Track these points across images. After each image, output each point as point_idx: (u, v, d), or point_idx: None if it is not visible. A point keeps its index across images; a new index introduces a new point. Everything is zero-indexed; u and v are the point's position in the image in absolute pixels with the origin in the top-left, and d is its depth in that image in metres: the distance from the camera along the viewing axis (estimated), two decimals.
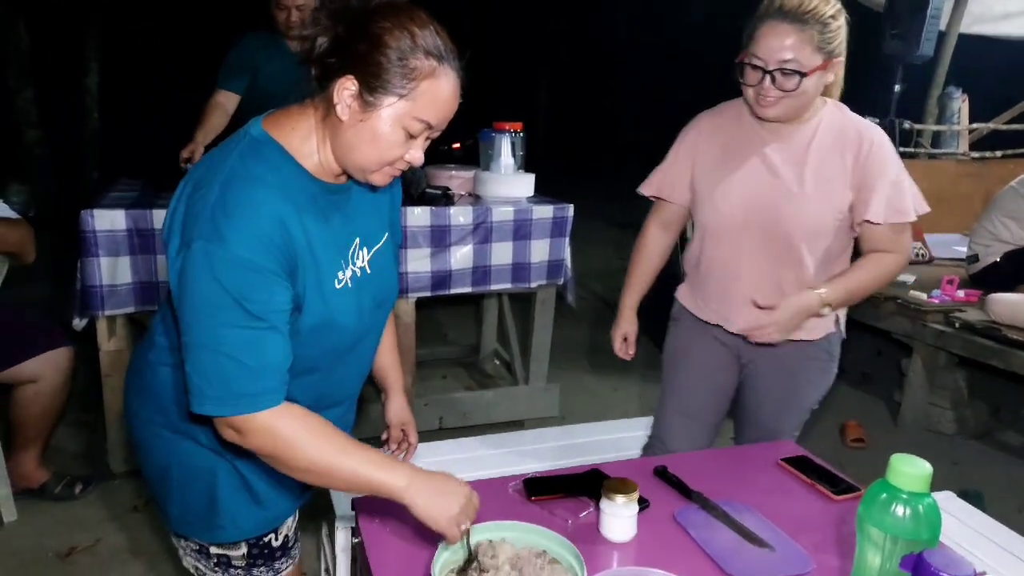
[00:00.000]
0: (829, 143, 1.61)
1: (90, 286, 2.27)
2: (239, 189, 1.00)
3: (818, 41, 1.51)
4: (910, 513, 0.90)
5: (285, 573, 1.34)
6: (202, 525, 1.23)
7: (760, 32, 1.53)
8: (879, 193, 1.58)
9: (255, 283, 0.99)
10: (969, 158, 5.22)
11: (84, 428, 2.91)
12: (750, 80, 1.56)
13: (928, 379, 3.34)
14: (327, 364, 1.19)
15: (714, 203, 1.68)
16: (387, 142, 1.05)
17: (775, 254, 1.65)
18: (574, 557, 1.09)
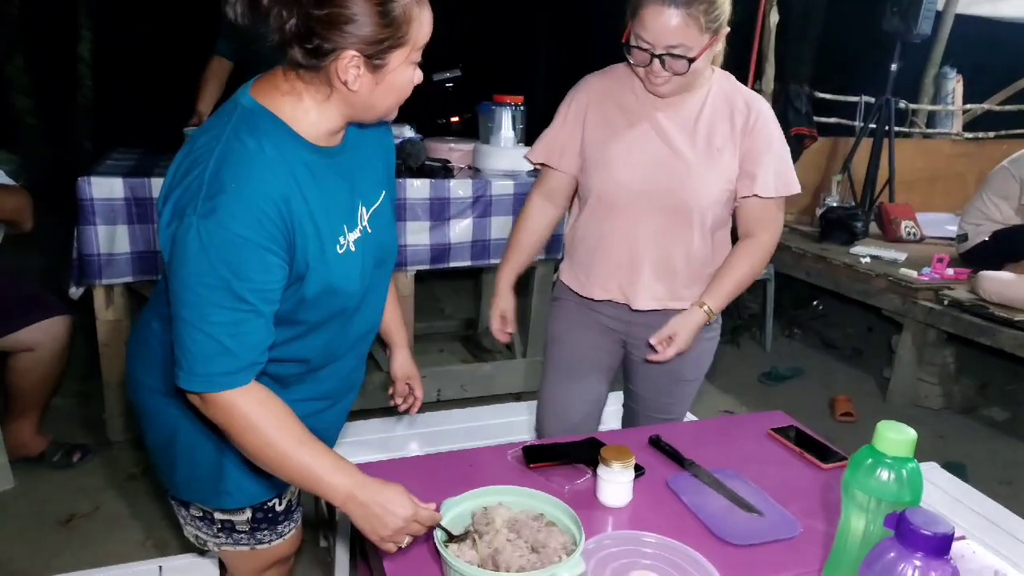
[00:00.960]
0: (718, 112, 1.57)
1: (87, 255, 2.27)
2: (235, 163, 1.00)
3: (705, 21, 1.44)
4: (894, 477, 0.93)
5: (288, 536, 1.36)
6: (208, 492, 1.25)
7: (646, 13, 1.44)
8: (766, 166, 1.56)
9: (247, 260, 0.99)
10: (963, 138, 5.25)
11: (81, 397, 2.92)
12: (638, 61, 1.50)
13: (917, 355, 3.39)
14: (335, 324, 1.20)
15: (610, 172, 1.60)
16: (405, 84, 1.09)
17: (670, 225, 1.60)
18: (571, 519, 1.12)
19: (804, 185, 4.93)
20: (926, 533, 0.80)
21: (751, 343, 4.17)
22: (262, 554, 1.34)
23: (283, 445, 1.04)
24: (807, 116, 4.36)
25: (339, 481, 1.05)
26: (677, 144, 1.57)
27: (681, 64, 1.46)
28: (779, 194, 1.58)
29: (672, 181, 1.56)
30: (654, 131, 1.58)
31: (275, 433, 1.04)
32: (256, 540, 1.31)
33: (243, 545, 1.31)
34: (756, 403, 3.40)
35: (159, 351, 1.21)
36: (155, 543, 2.14)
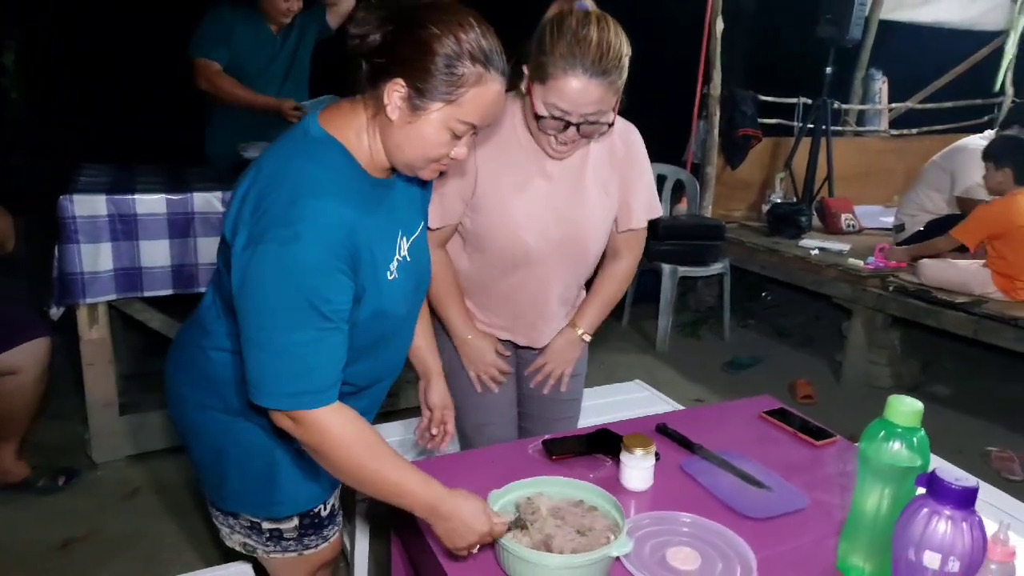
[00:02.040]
0: (603, 153, 1.59)
1: (70, 273, 2.23)
2: (310, 192, 1.04)
3: (617, 86, 1.42)
4: (905, 444, 1.05)
5: (332, 539, 1.40)
6: (259, 502, 1.28)
7: (564, 85, 1.37)
8: (639, 197, 1.63)
9: (328, 285, 1.04)
10: (890, 135, 5.60)
11: (58, 420, 2.83)
12: (549, 129, 1.43)
13: (867, 339, 3.61)
14: (378, 350, 1.25)
15: (514, 229, 1.54)
16: (434, 142, 1.09)
17: (573, 268, 1.64)
18: (611, 503, 1.19)
19: (749, 183, 5.17)
20: (956, 487, 0.91)
21: (710, 335, 4.34)
22: (309, 559, 1.37)
23: (375, 463, 1.09)
24: (752, 118, 4.58)
25: (426, 496, 1.10)
26: (573, 194, 1.57)
27: (599, 129, 1.45)
28: (648, 219, 1.67)
29: (575, 231, 1.58)
30: (547, 183, 1.55)
31: (366, 451, 1.09)
32: (304, 546, 1.35)
33: (291, 552, 1.34)
34: (723, 390, 3.56)
35: (209, 369, 1.23)
36: (162, 562, 2.11)
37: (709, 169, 4.46)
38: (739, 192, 4.85)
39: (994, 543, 0.96)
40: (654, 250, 3.99)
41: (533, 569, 1.05)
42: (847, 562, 1.13)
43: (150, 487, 2.50)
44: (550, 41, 1.38)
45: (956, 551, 0.92)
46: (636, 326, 4.37)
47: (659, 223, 3.97)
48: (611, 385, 2.46)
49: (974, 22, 5.59)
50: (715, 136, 4.43)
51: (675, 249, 3.97)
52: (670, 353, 4.02)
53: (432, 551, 1.15)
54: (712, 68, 4.29)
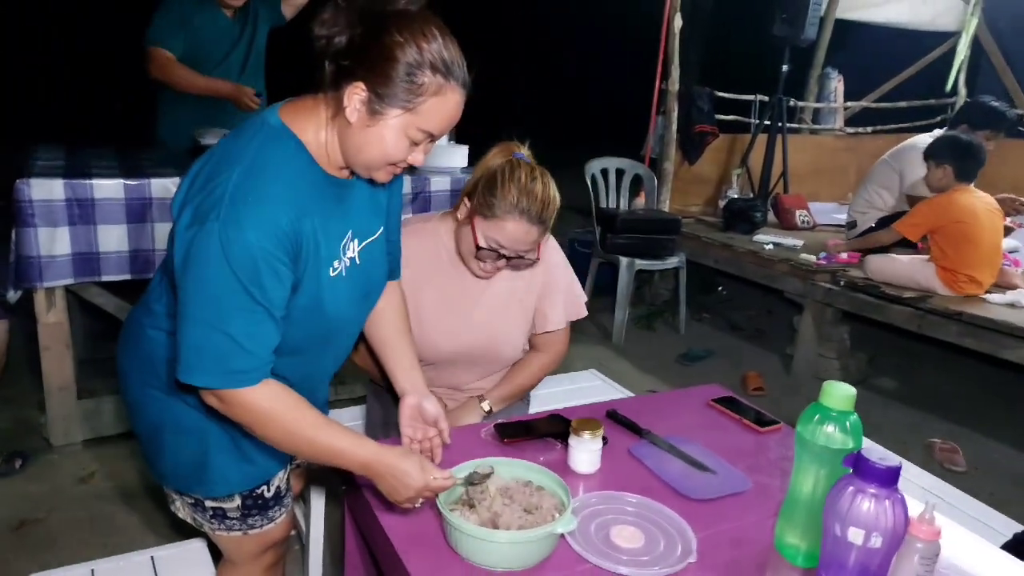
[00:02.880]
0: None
1: (27, 257, 2.20)
2: (258, 178, 1.07)
3: (548, 227, 1.63)
4: (839, 427, 1.11)
5: (279, 520, 1.43)
6: (194, 480, 1.31)
7: (507, 225, 1.56)
8: (555, 304, 1.78)
9: (264, 271, 1.05)
10: (845, 133, 5.75)
11: (15, 404, 2.81)
12: (483, 258, 1.61)
13: (817, 333, 3.73)
14: (314, 347, 1.28)
15: (429, 337, 1.70)
16: (391, 148, 1.11)
17: (484, 368, 1.81)
18: (557, 484, 1.24)
19: (706, 179, 5.27)
20: (880, 467, 0.98)
21: (665, 327, 4.44)
22: (255, 538, 1.40)
23: (306, 432, 1.14)
24: (709, 114, 4.67)
25: (361, 456, 1.15)
26: (488, 305, 1.73)
27: (527, 263, 1.66)
28: (567, 321, 1.82)
29: (487, 338, 1.74)
30: (464, 296, 1.72)
31: (294, 422, 1.13)
32: (248, 525, 1.38)
33: (236, 531, 1.38)
34: (676, 381, 3.65)
35: (149, 348, 1.25)
36: (117, 544, 2.10)
37: (667, 164, 4.54)
38: (696, 187, 4.95)
39: (920, 523, 1.03)
40: (611, 243, 4.07)
41: (480, 545, 1.09)
42: (783, 541, 1.19)
43: (105, 471, 2.49)
44: (501, 188, 1.57)
45: (879, 527, 0.98)
46: (593, 319, 4.44)
47: (617, 216, 4.04)
48: (566, 374, 2.51)
49: (927, 23, 5.76)
50: (673, 132, 4.51)
51: (632, 243, 4.05)
52: (625, 345, 4.10)
53: (386, 534, 1.18)
54: (671, 64, 4.36)
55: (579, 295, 1.84)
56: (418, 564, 1.10)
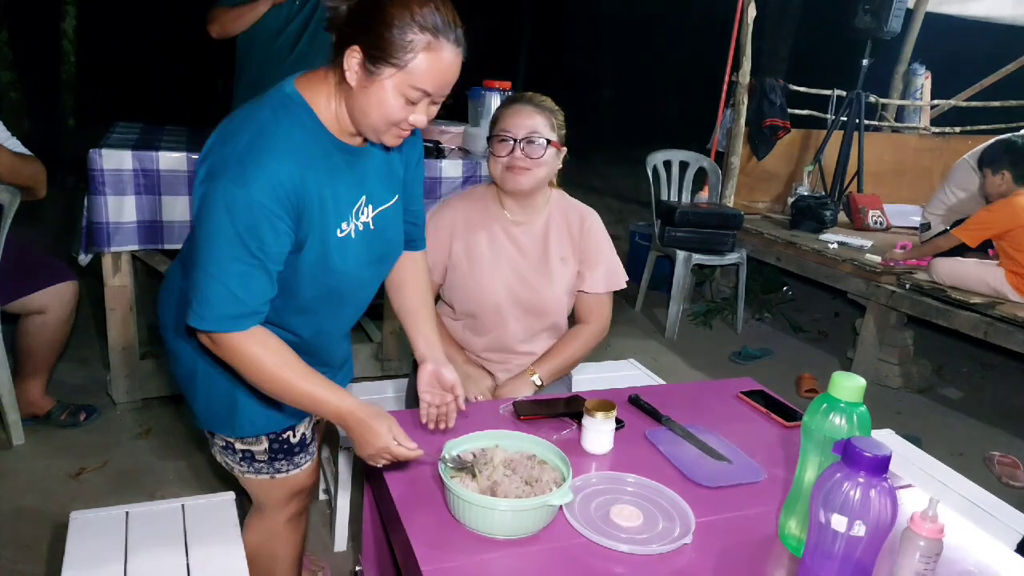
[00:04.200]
0: (559, 226, 1.87)
1: (96, 223, 2.36)
2: (267, 140, 1.15)
3: (554, 123, 1.78)
4: (845, 418, 1.09)
5: (305, 466, 1.51)
6: (224, 422, 1.41)
7: (506, 113, 1.77)
8: (596, 268, 1.87)
9: (264, 226, 1.13)
10: (930, 133, 5.45)
11: (83, 363, 3.02)
12: (500, 152, 1.75)
13: (879, 337, 3.58)
14: (326, 306, 1.35)
15: (481, 284, 1.81)
16: (389, 107, 1.16)
17: (534, 324, 1.87)
18: (560, 459, 1.25)
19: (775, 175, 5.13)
20: (867, 454, 0.95)
21: (723, 326, 4.34)
22: (281, 483, 1.49)
23: (284, 377, 1.21)
24: (781, 108, 4.52)
25: (336, 406, 1.24)
26: (533, 258, 1.85)
27: (538, 149, 1.74)
28: (608, 290, 1.90)
29: (532, 291, 1.83)
30: (515, 248, 1.84)
31: (275, 369, 1.21)
32: (275, 469, 1.47)
33: (264, 475, 1.47)
34: (726, 378, 3.56)
35: (181, 300, 1.34)
36: (164, 495, 2.24)
37: (733, 158, 4.44)
38: (763, 183, 4.81)
39: (923, 519, 1.00)
40: (670, 236, 4.01)
41: (477, 512, 1.12)
42: (785, 531, 1.18)
43: (161, 428, 2.65)
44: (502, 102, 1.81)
45: (863, 516, 0.95)
46: (648, 312, 4.40)
47: (676, 209, 3.98)
48: (605, 362, 2.51)
49: None
50: (741, 125, 4.40)
51: (690, 236, 3.98)
52: (679, 341, 4.04)
53: (392, 498, 1.23)
54: (742, 55, 4.25)
55: (619, 269, 1.92)
56: (417, 527, 1.14)
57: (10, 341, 2.41)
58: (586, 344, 1.91)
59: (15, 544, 2.03)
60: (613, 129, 12.10)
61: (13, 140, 2.25)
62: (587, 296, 1.90)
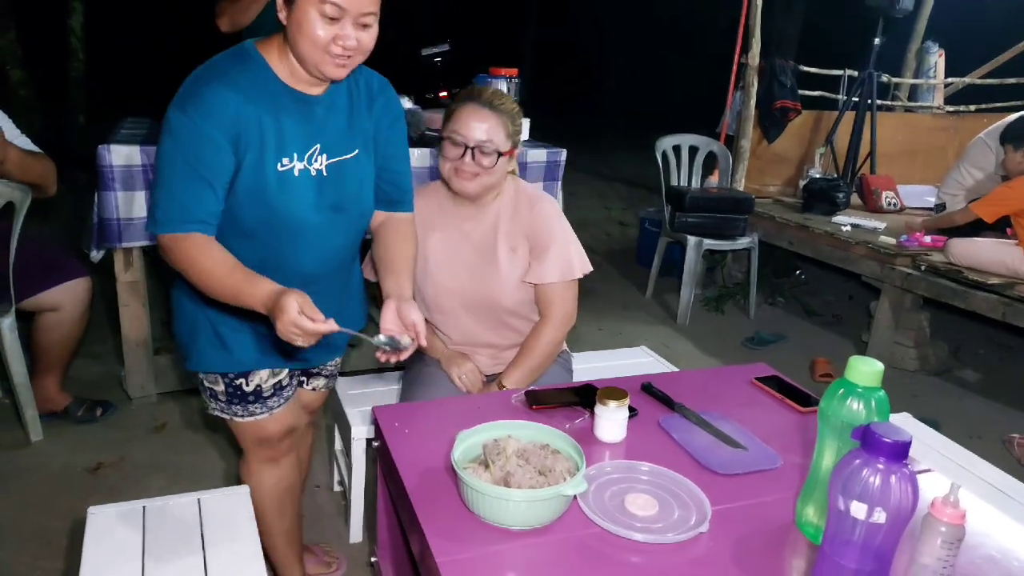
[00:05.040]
0: (511, 215, 1.83)
1: (107, 219, 2.36)
2: (210, 76, 1.32)
3: (509, 130, 1.74)
4: (863, 404, 1.07)
5: (261, 417, 1.61)
6: (187, 353, 1.57)
7: (461, 113, 1.72)
8: (549, 258, 1.80)
9: (202, 146, 1.29)
10: (944, 112, 5.37)
11: (98, 359, 3.05)
12: (450, 154, 1.73)
13: (894, 319, 3.55)
14: (267, 235, 1.42)
15: (435, 281, 1.84)
16: (310, 28, 1.27)
17: (491, 316, 1.87)
18: (573, 448, 1.25)
19: (786, 157, 5.09)
20: (887, 440, 0.94)
21: (735, 310, 4.32)
22: (242, 428, 1.63)
23: (215, 274, 1.31)
24: (791, 89, 4.47)
25: (249, 291, 1.30)
26: (483, 251, 1.82)
27: (490, 159, 1.72)
28: (562, 279, 1.82)
29: (484, 281, 1.82)
30: (466, 242, 1.83)
31: (210, 267, 1.31)
32: (233, 412, 1.60)
33: (225, 414, 1.61)
34: (739, 364, 3.54)
35: None
36: (180, 489, 2.24)
37: (744, 142, 4.40)
38: (774, 166, 4.76)
39: (944, 504, 0.99)
40: (680, 222, 3.98)
41: (490, 502, 1.11)
42: (803, 518, 1.17)
43: (176, 422, 2.67)
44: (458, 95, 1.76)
45: (883, 502, 0.94)
46: (659, 298, 4.38)
47: (686, 194, 3.95)
48: (616, 350, 2.50)
49: None
50: (751, 108, 4.35)
51: (700, 221, 3.95)
52: (691, 326, 4.02)
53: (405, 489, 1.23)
54: (751, 37, 4.20)
55: (574, 256, 1.84)
56: (432, 518, 1.13)
57: (25, 339, 2.43)
58: (549, 341, 1.86)
59: (36, 539, 2.06)
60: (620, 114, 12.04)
61: (23, 138, 2.26)
62: (541, 287, 1.84)
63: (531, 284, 1.84)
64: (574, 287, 1.87)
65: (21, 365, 2.38)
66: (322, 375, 1.78)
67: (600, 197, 6.88)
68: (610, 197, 7.04)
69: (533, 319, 1.90)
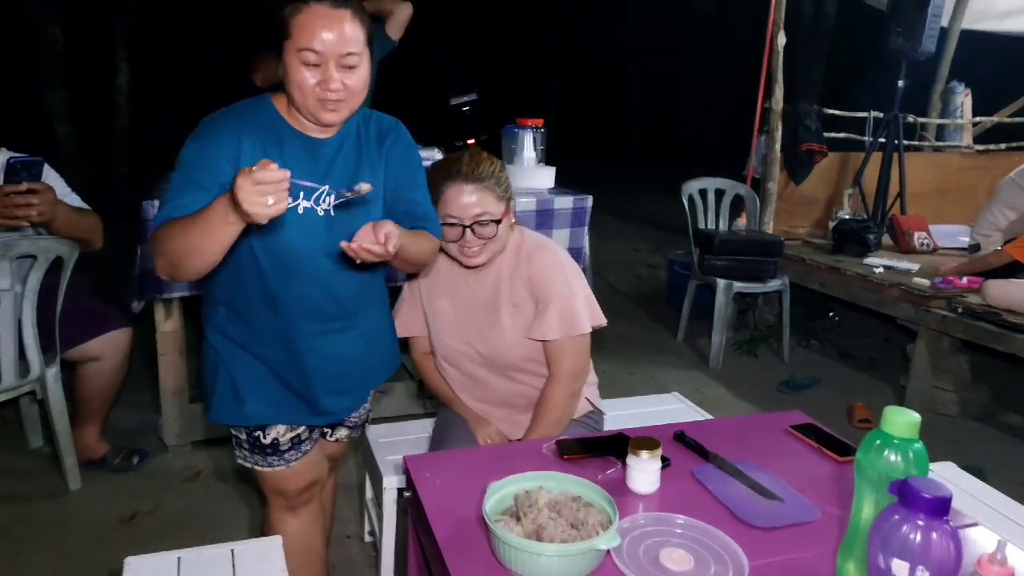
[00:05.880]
0: (512, 270, 1.80)
1: (149, 271, 2.43)
2: (220, 114, 1.44)
3: (498, 193, 1.72)
4: (901, 456, 1.05)
5: (278, 469, 1.64)
6: (207, 402, 1.61)
7: (448, 195, 1.70)
8: (548, 311, 1.76)
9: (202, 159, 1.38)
10: (973, 151, 5.33)
11: (136, 407, 3.09)
12: (451, 237, 1.71)
13: (932, 363, 3.47)
14: (278, 273, 1.47)
15: (444, 339, 1.87)
16: (295, 76, 1.36)
17: (501, 372, 1.86)
18: (605, 500, 1.24)
19: (814, 199, 5.08)
20: (926, 496, 0.92)
21: (768, 354, 4.27)
22: (263, 476, 1.66)
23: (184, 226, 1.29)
24: (817, 132, 4.49)
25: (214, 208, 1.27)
26: (487, 310, 1.82)
27: (489, 229, 1.71)
28: (565, 335, 1.77)
29: (490, 339, 1.82)
30: (470, 302, 1.84)
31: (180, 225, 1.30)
32: (253, 461, 1.64)
33: (247, 463, 1.65)
34: (774, 410, 3.45)
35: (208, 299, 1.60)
36: (214, 539, 2.24)
37: (770, 184, 4.40)
38: (803, 208, 4.75)
39: (991, 562, 0.96)
40: (709, 264, 3.98)
41: (522, 556, 1.11)
42: (843, 573, 1.14)
43: (210, 471, 2.70)
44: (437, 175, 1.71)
45: (926, 560, 0.92)
46: (691, 342, 4.35)
47: (714, 237, 3.95)
48: (647, 396, 2.48)
49: None
50: (776, 151, 4.37)
51: (730, 264, 3.94)
52: (723, 370, 3.98)
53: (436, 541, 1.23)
54: (774, 82, 4.24)
55: (577, 310, 1.77)
56: (463, 571, 1.13)
57: (66, 388, 2.48)
58: (558, 399, 1.81)
59: None
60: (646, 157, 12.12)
61: (73, 196, 2.35)
62: (547, 344, 1.79)
63: (538, 340, 1.81)
64: (583, 341, 1.81)
65: (64, 415, 2.44)
66: (345, 426, 1.78)
67: (627, 239, 6.89)
68: (637, 239, 7.05)
69: (543, 374, 1.86)
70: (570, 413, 1.86)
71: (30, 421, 2.76)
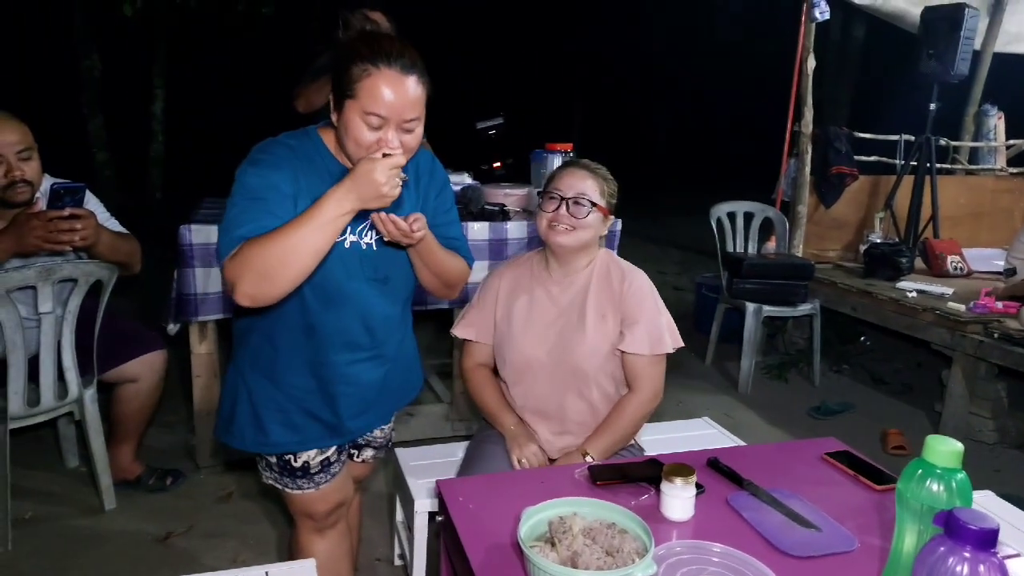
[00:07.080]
0: (601, 283, 1.87)
1: (185, 294, 2.49)
2: (275, 145, 1.46)
3: (605, 191, 1.84)
4: (944, 486, 1.04)
5: (308, 491, 1.65)
6: (225, 427, 1.62)
7: (561, 174, 1.85)
8: (638, 329, 1.83)
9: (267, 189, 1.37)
10: (1007, 174, 5.26)
11: (170, 428, 3.15)
12: (547, 208, 1.81)
13: (968, 389, 3.40)
14: (317, 302, 1.50)
15: (517, 342, 1.87)
16: (353, 131, 1.37)
17: (570, 382, 1.86)
18: (641, 528, 1.23)
19: (845, 223, 5.04)
20: (973, 527, 0.90)
21: (798, 378, 4.21)
22: (291, 498, 1.67)
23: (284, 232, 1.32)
24: (847, 155, 4.46)
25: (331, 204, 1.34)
26: (569, 315, 1.86)
27: (583, 210, 1.79)
28: (652, 352, 1.84)
29: (566, 349, 1.84)
30: (553, 305, 1.88)
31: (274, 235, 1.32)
32: (283, 484, 1.64)
33: (277, 484, 1.65)
34: (805, 436, 3.42)
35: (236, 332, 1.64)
36: (246, 560, 2.29)
37: (800, 208, 4.37)
38: (833, 232, 4.71)
39: None
40: (738, 288, 3.95)
41: None
42: None
43: (241, 491, 2.72)
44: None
45: None
46: (720, 366, 4.31)
47: (743, 260, 3.93)
48: (678, 421, 2.46)
49: None
50: (806, 174, 4.34)
51: (759, 288, 3.91)
52: (753, 395, 3.93)
53: (471, 567, 1.23)
54: (803, 105, 4.23)
55: (665, 332, 1.86)
56: None
57: (103, 409, 2.53)
58: (635, 414, 1.87)
59: None
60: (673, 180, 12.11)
61: (113, 221, 2.41)
62: (630, 358, 1.85)
63: (617, 354, 1.86)
64: (662, 363, 1.88)
65: (100, 435, 2.48)
66: (371, 446, 1.81)
67: (654, 262, 6.86)
68: (664, 262, 7.03)
69: (609, 392, 1.90)
70: (634, 432, 1.91)
71: (67, 441, 2.81)
